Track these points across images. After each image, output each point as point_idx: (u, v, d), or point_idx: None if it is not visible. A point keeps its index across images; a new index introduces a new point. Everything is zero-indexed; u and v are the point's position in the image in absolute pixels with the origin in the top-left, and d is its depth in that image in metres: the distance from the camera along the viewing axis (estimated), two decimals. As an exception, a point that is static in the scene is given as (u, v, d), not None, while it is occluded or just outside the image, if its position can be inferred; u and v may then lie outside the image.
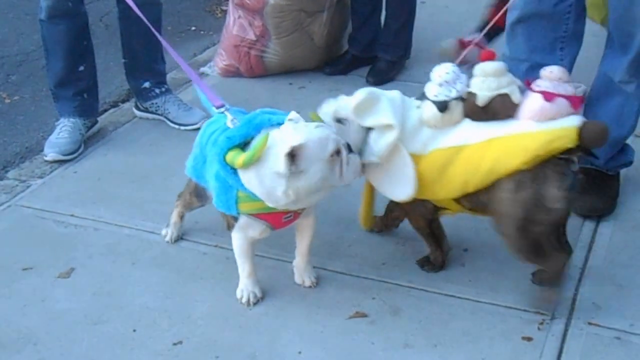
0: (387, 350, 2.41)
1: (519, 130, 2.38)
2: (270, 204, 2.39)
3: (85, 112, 3.67)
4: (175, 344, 2.45)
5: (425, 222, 2.67)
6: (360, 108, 2.48)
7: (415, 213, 2.66)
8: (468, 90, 2.45)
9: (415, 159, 2.46)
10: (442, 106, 2.44)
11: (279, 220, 2.50)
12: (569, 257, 2.53)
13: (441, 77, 2.47)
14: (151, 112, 3.87)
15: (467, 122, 2.46)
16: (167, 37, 4.38)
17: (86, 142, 3.64)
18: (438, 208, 2.61)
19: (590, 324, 2.49)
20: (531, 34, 2.94)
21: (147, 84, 3.83)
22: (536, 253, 2.45)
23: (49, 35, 3.56)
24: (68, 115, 3.63)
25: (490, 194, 2.41)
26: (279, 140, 2.30)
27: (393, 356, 2.39)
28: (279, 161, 2.27)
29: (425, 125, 2.48)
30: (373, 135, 2.48)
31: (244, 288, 2.61)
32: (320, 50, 4.36)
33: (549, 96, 2.37)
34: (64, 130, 3.58)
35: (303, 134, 2.29)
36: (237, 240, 2.55)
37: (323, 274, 2.73)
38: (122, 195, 3.23)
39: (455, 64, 2.50)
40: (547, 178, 2.34)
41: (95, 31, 3.87)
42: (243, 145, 2.39)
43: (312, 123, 2.38)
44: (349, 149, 2.37)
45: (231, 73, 4.37)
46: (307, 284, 2.67)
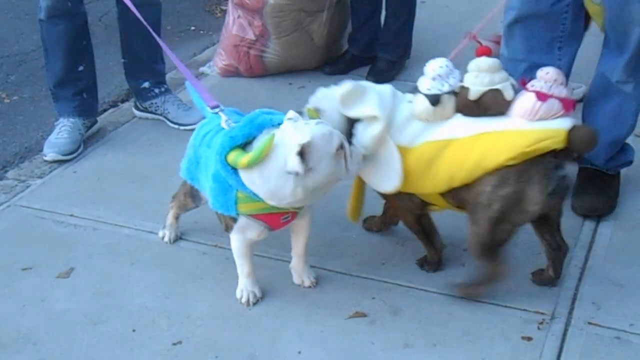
0: (387, 350, 2.41)
1: (508, 127, 2.39)
2: (273, 203, 2.38)
3: (85, 112, 3.67)
4: (174, 344, 2.45)
5: (413, 218, 2.67)
6: (346, 98, 2.49)
7: (403, 208, 2.66)
8: (461, 84, 2.46)
9: (403, 152, 2.46)
10: (434, 100, 2.45)
11: (277, 221, 2.49)
12: (505, 272, 2.53)
13: (434, 71, 2.47)
14: (151, 112, 3.86)
15: (458, 117, 2.46)
16: (167, 37, 4.39)
17: (85, 142, 3.64)
18: (426, 203, 2.61)
19: (590, 323, 2.49)
20: (529, 34, 2.93)
21: (147, 84, 3.83)
22: (492, 252, 2.47)
23: (49, 35, 3.56)
24: (67, 115, 3.62)
25: (475, 188, 2.42)
26: (283, 140, 2.30)
27: (393, 356, 2.39)
28: (291, 161, 2.25)
29: (417, 118, 2.49)
30: (360, 127, 2.48)
31: (244, 288, 2.60)
32: (320, 50, 4.35)
33: (542, 96, 2.37)
34: (63, 130, 3.58)
35: (307, 131, 2.28)
36: (236, 241, 2.54)
37: (323, 273, 2.72)
38: (122, 195, 3.22)
39: (449, 59, 2.51)
40: (531, 179, 2.34)
41: (94, 31, 3.87)
42: (243, 146, 2.39)
43: (312, 120, 2.37)
44: (349, 142, 2.37)
45: (231, 73, 4.36)
46: (307, 284, 2.67)
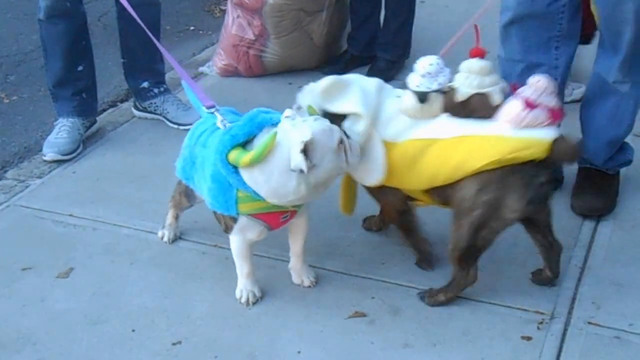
0: (387, 350, 2.41)
1: (492, 131, 2.38)
2: (275, 202, 2.38)
3: (84, 112, 3.67)
4: (174, 344, 2.45)
5: (396, 214, 2.68)
6: (327, 93, 2.50)
7: (386, 202, 2.67)
8: (449, 85, 2.46)
9: (388, 146, 2.47)
10: (422, 97, 2.46)
11: (276, 220, 2.49)
12: (475, 279, 2.53)
13: (424, 69, 2.48)
14: (150, 112, 3.86)
15: (444, 117, 2.46)
16: (166, 37, 4.40)
17: (85, 142, 3.64)
18: (410, 199, 2.61)
19: (589, 323, 2.49)
20: (525, 34, 2.93)
21: (146, 84, 3.83)
22: (469, 258, 2.47)
23: (48, 35, 3.56)
24: (67, 115, 3.62)
25: (457, 190, 2.42)
26: (284, 138, 2.29)
27: (392, 356, 2.39)
28: (295, 159, 2.25)
29: (404, 114, 2.49)
30: (346, 124, 2.48)
31: (243, 288, 2.60)
32: (319, 50, 4.35)
33: (530, 105, 2.36)
34: (62, 130, 3.57)
35: (308, 128, 2.28)
36: (236, 242, 2.54)
37: (322, 273, 2.72)
38: (121, 195, 3.22)
39: (440, 57, 2.51)
40: (511, 186, 2.34)
41: (93, 31, 3.87)
42: (244, 144, 2.38)
43: (310, 117, 2.37)
44: (346, 134, 2.37)
45: (230, 73, 4.36)
46: (306, 283, 2.67)
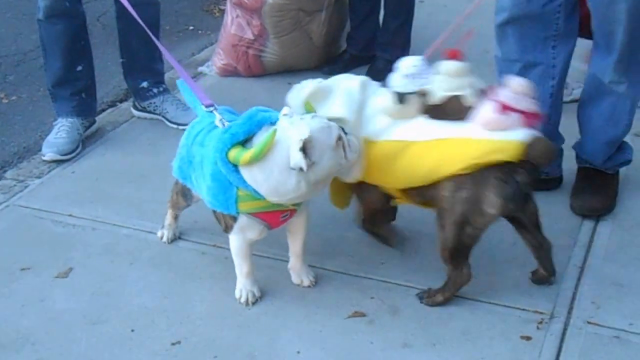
0: (386, 350, 2.41)
1: (465, 135, 2.38)
2: (275, 200, 2.38)
3: (83, 112, 3.67)
4: (173, 344, 2.45)
5: (370, 212, 2.71)
6: (310, 100, 2.51)
7: (365, 199, 2.68)
8: (426, 87, 2.46)
9: (368, 144, 2.48)
10: (400, 98, 2.46)
11: (276, 219, 2.49)
12: (470, 277, 2.52)
13: (407, 70, 2.49)
14: (149, 112, 3.86)
15: (421, 119, 2.47)
16: (165, 37, 4.39)
17: (84, 142, 3.64)
18: (389, 197, 2.62)
19: (589, 323, 2.49)
20: (522, 34, 2.93)
21: (145, 84, 3.83)
22: (459, 256, 2.47)
23: (47, 35, 3.56)
24: (66, 115, 3.62)
25: (435, 191, 2.43)
26: (283, 136, 2.29)
27: (392, 356, 2.39)
28: (294, 157, 2.25)
29: (383, 113, 2.50)
30: (285, 110, 2.48)
31: (243, 288, 2.60)
32: (318, 50, 4.35)
33: (504, 108, 2.35)
34: (62, 130, 3.57)
35: (306, 126, 2.28)
36: (235, 241, 2.54)
37: (322, 273, 2.72)
38: (120, 195, 3.22)
39: (423, 58, 2.51)
40: (488, 183, 2.34)
41: (92, 31, 3.87)
42: (243, 143, 2.38)
43: (307, 115, 2.37)
44: (344, 131, 2.37)
45: (229, 72, 4.36)
46: (306, 283, 2.66)
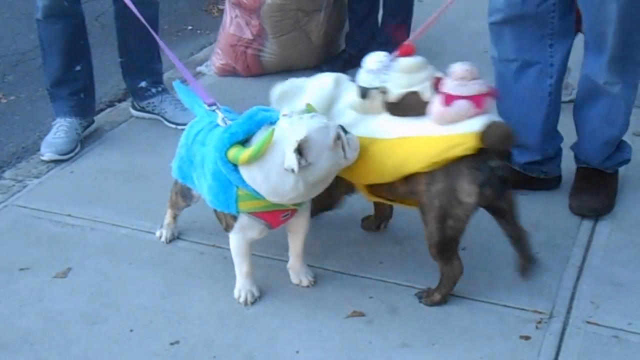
0: (385, 350, 2.41)
1: (424, 132, 2.39)
2: (274, 200, 2.38)
3: (82, 112, 3.67)
4: (172, 344, 2.45)
5: (326, 204, 2.74)
6: (280, 100, 2.56)
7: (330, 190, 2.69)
8: (384, 84, 2.47)
9: None
10: (363, 93, 2.48)
11: (277, 218, 2.49)
12: (461, 270, 2.52)
13: (370, 65, 2.50)
14: (148, 112, 3.86)
15: (385, 116, 2.48)
16: (164, 37, 4.37)
17: (83, 142, 3.64)
18: (352, 189, 2.65)
19: (588, 322, 2.49)
20: (519, 33, 2.94)
21: (144, 84, 3.83)
22: (447, 250, 2.47)
23: (46, 35, 3.56)
24: (64, 115, 3.62)
25: (411, 186, 2.44)
26: (281, 136, 2.29)
27: (391, 355, 2.39)
28: (289, 159, 2.25)
29: (351, 108, 2.52)
30: (285, 110, 2.50)
31: (242, 287, 2.60)
32: (317, 50, 4.35)
33: (448, 99, 2.35)
34: (60, 130, 3.57)
35: (303, 127, 2.28)
36: (235, 241, 2.54)
37: (321, 273, 2.72)
38: (119, 195, 3.22)
39: (390, 55, 2.52)
40: (460, 173, 2.35)
41: (91, 31, 3.86)
42: (243, 142, 2.38)
43: (306, 114, 2.37)
44: (344, 129, 2.37)
45: (228, 72, 4.36)
46: (305, 283, 2.66)
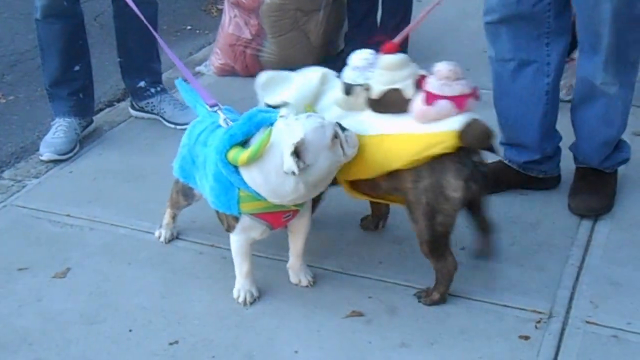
0: (384, 350, 2.41)
1: (405, 130, 2.40)
2: (275, 201, 2.38)
3: (81, 112, 3.67)
4: (171, 344, 2.45)
5: None
6: (264, 86, 2.58)
7: None
8: (367, 82, 2.47)
9: None
10: (347, 89, 2.49)
11: (279, 219, 2.49)
12: (455, 266, 2.52)
13: (354, 62, 2.51)
14: (147, 112, 3.86)
15: (368, 112, 2.49)
16: (163, 37, 4.35)
17: (82, 142, 3.63)
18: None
19: (587, 322, 2.49)
20: (515, 32, 2.93)
21: (143, 83, 3.82)
22: (437, 247, 2.47)
23: (44, 34, 3.56)
24: (63, 115, 3.62)
25: (397, 182, 2.45)
26: (278, 138, 2.29)
27: (390, 355, 2.39)
28: (287, 163, 2.25)
29: (336, 105, 2.53)
30: (282, 112, 2.53)
31: (241, 287, 2.60)
32: (316, 49, 4.35)
33: (430, 98, 2.35)
34: (59, 130, 3.57)
35: (300, 128, 2.28)
36: (237, 241, 2.54)
37: (320, 272, 2.72)
38: (118, 195, 3.22)
39: (373, 52, 2.52)
40: (445, 168, 2.36)
41: (90, 30, 3.86)
42: (242, 144, 2.38)
43: (302, 115, 2.37)
44: (341, 127, 2.37)
45: (227, 72, 4.36)
46: (304, 283, 2.66)
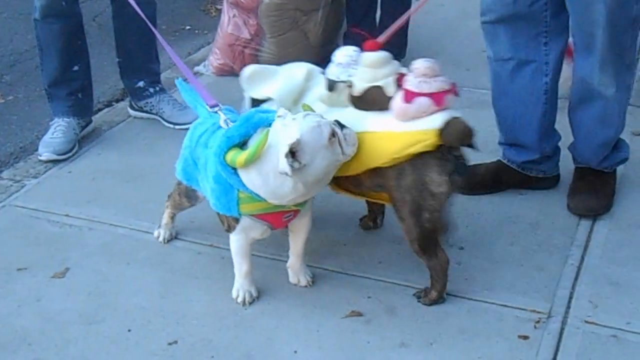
0: (383, 349, 2.41)
1: (385, 128, 2.40)
2: (275, 202, 2.38)
3: (80, 112, 3.66)
4: (170, 344, 2.44)
5: None
6: (249, 80, 2.59)
7: None
8: (351, 79, 2.48)
9: None
10: (330, 85, 2.50)
11: (279, 220, 2.49)
12: (447, 262, 2.53)
13: (338, 59, 2.52)
14: (145, 112, 3.86)
15: (351, 109, 2.49)
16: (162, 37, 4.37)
17: (80, 142, 3.63)
18: None
19: (586, 322, 2.49)
20: (513, 32, 2.93)
21: (142, 84, 3.82)
22: (427, 245, 2.47)
23: (43, 34, 3.55)
24: (62, 115, 3.62)
25: (376, 180, 2.45)
26: (275, 139, 2.29)
27: (389, 355, 2.39)
28: (281, 163, 2.25)
29: (319, 101, 2.54)
30: (265, 106, 2.54)
31: (240, 287, 2.60)
32: (315, 49, 4.34)
33: (409, 97, 2.35)
34: (58, 130, 3.57)
35: (296, 128, 2.28)
36: (237, 241, 2.54)
37: (319, 272, 2.72)
38: (117, 195, 3.22)
39: (357, 50, 2.53)
40: (427, 165, 2.36)
41: (88, 31, 3.86)
42: (241, 145, 2.38)
43: (300, 114, 2.37)
44: (340, 125, 2.37)
45: (226, 72, 4.36)
46: (303, 283, 2.66)
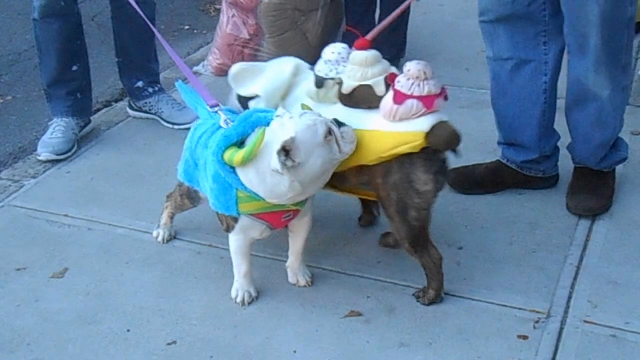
0: (382, 349, 2.41)
1: (373, 127, 2.40)
2: (273, 200, 2.38)
3: (79, 112, 3.66)
4: (169, 344, 2.44)
5: None
6: (237, 77, 2.60)
7: None
8: (339, 76, 2.49)
9: None
10: (318, 82, 2.51)
11: (278, 219, 2.49)
12: (440, 258, 2.52)
13: (327, 56, 2.53)
14: (144, 112, 3.86)
15: (339, 106, 2.49)
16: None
17: (79, 142, 3.63)
18: None
19: (585, 322, 2.49)
20: (512, 32, 2.94)
21: (141, 83, 3.82)
22: (417, 242, 2.47)
23: (42, 34, 3.55)
24: (61, 115, 3.61)
25: (362, 178, 2.46)
26: (272, 138, 2.30)
27: (388, 355, 2.39)
28: (273, 160, 2.26)
29: (307, 97, 2.54)
30: (251, 104, 2.56)
31: (239, 287, 2.60)
32: (314, 49, 4.33)
33: (399, 98, 2.36)
34: (57, 130, 3.57)
35: (291, 127, 2.28)
36: (236, 241, 2.54)
37: (318, 272, 2.72)
38: (116, 195, 3.21)
39: (346, 47, 2.54)
40: (413, 163, 2.37)
41: (87, 30, 3.85)
42: (239, 144, 2.38)
43: (297, 113, 2.37)
44: (338, 123, 2.36)
45: (225, 72, 4.30)
46: (302, 283, 2.66)
